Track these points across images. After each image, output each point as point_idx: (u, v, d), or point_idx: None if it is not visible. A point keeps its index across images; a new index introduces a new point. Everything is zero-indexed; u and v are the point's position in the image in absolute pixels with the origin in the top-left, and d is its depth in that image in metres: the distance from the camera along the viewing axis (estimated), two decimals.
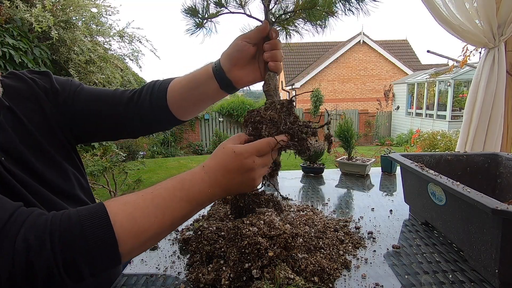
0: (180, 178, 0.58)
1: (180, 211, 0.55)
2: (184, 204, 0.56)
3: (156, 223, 0.52)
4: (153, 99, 0.76)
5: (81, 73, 2.97)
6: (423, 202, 0.87)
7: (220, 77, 0.72)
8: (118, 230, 0.48)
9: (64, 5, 2.85)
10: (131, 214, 0.51)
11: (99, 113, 0.76)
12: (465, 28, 1.79)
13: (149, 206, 0.53)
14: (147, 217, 0.52)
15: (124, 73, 3.53)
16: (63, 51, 2.83)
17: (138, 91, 0.78)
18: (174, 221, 0.55)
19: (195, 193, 0.57)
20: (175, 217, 0.55)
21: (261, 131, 0.63)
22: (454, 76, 9.21)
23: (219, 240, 0.70)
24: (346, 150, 1.55)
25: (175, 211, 0.55)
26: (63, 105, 0.73)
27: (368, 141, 11.66)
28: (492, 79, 1.82)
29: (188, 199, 0.56)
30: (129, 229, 0.49)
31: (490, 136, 1.88)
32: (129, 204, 0.52)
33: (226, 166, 0.58)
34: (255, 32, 0.69)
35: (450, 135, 6.03)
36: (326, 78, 15.63)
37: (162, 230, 0.54)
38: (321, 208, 1.06)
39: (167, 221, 0.54)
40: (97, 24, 3.17)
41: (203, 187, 0.57)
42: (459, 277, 0.65)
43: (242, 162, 0.58)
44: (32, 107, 0.69)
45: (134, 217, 0.51)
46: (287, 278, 0.55)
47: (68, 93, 0.75)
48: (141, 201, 0.53)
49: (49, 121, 0.71)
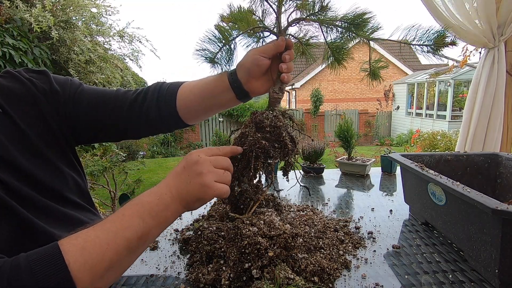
0: (131, 200, 0.56)
1: (133, 229, 0.52)
2: (135, 220, 0.52)
3: (110, 249, 0.49)
4: (161, 103, 0.76)
5: (81, 73, 2.97)
6: (423, 202, 0.87)
7: (238, 88, 0.74)
8: (73, 268, 0.45)
9: (64, 5, 2.85)
10: (82, 247, 0.48)
11: (101, 116, 0.75)
12: (465, 28, 1.79)
13: (99, 234, 0.50)
14: (98, 246, 0.49)
15: (124, 73, 3.53)
16: (63, 51, 2.83)
17: (143, 92, 0.78)
18: (130, 243, 0.51)
19: (144, 205, 0.54)
20: (129, 238, 0.51)
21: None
22: (454, 76, 9.21)
23: (219, 240, 0.70)
24: (346, 150, 1.55)
25: (127, 230, 0.51)
26: (64, 107, 0.72)
27: (368, 141, 11.65)
28: (492, 79, 1.83)
29: (139, 214, 0.53)
30: (83, 264, 0.46)
31: (489, 136, 1.88)
32: (80, 237, 0.49)
33: (175, 169, 0.59)
34: (272, 48, 0.70)
35: (450, 135, 6.03)
36: (326, 78, 15.62)
37: (118, 256, 0.50)
38: (321, 208, 1.06)
39: (120, 244, 0.50)
40: (97, 24, 3.17)
41: (152, 197, 0.55)
42: (459, 277, 0.65)
43: (186, 158, 0.59)
44: (27, 108, 0.67)
45: (85, 248, 0.48)
46: (287, 278, 0.55)
47: (68, 94, 0.73)
48: (92, 232, 0.50)
49: (47, 123, 0.69)
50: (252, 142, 0.64)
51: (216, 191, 0.58)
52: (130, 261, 0.54)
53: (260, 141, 0.64)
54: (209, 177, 0.58)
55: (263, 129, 0.66)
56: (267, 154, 0.65)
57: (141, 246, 0.54)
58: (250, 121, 0.68)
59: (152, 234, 0.55)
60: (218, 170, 0.60)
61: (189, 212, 1.03)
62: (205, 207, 1.07)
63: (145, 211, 0.54)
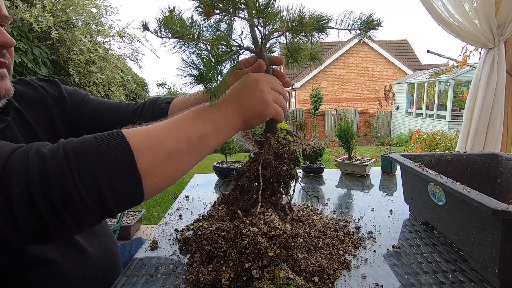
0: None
1: (194, 127, 0.54)
2: (197, 120, 0.55)
3: (171, 136, 0.51)
4: (155, 113, 0.83)
5: (81, 73, 2.97)
6: (423, 202, 0.87)
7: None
8: (132, 140, 0.47)
9: (64, 5, 2.85)
10: (145, 129, 0.51)
11: (103, 122, 0.82)
12: (465, 28, 1.79)
13: (161, 124, 0.53)
14: (160, 131, 0.51)
15: (124, 73, 3.53)
16: (63, 51, 2.83)
17: (141, 106, 0.86)
18: (190, 138, 0.53)
19: (206, 112, 0.57)
20: (190, 133, 0.53)
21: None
22: (454, 76, 9.22)
23: (219, 240, 0.70)
24: (346, 150, 1.55)
25: (189, 126, 0.54)
26: (70, 114, 0.80)
27: (368, 141, 11.65)
28: (492, 79, 1.83)
29: (200, 116, 0.56)
30: (143, 140, 0.48)
31: (490, 136, 1.88)
32: (141, 126, 0.52)
33: (233, 87, 0.62)
34: (251, 70, 0.72)
35: (450, 135, 6.03)
36: (326, 78, 15.63)
37: (178, 145, 0.52)
38: (321, 208, 1.06)
39: (181, 136, 0.52)
40: (97, 24, 3.17)
41: (214, 108, 0.58)
42: (459, 277, 0.65)
43: (245, 78, 0.62)
44: (39, 110, 0.75)
45: (148, 130, 0.51)
46: (287, 278, 0.55)
47: (75, 102, 0.82)
48: (153, 124, 0.53)
49: (55, 125, 0.77)
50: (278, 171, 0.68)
51: (274, 109, 0.62)
52: (188, 161, 0.54)
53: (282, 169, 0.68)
54: (269, 95, 0.61)
55: (281, 156, 0.69)
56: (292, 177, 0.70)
57: (199, 149, 0.55)
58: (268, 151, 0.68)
59: (211, 141, 0.56)
60: (275, 92, 0.64)
61: (189, 212, 1.03)
62: (205, 207, 1.07)
63: (206, 116, 0.56)
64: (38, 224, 0.42)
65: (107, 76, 3.14)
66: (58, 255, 0.66)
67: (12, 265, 0.60)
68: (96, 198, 0.43)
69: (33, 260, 0.62)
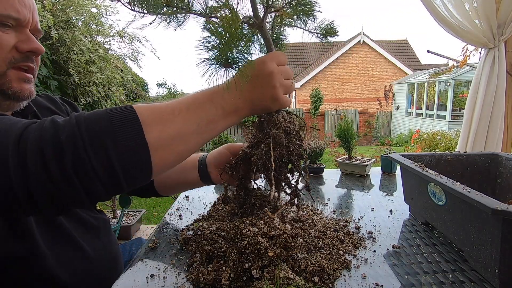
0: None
1: (205, 111, 0.55)
2: (209, 106, 0.55)
3: (181, 116, 0.52)
4: None
5: (81, 73, 2.97)
6: (423, 202, 0.87)
7: (202, 170, 0.88)
8: (143, 114, 0.48)
9: (64, 5, 2.85)
10: (157, 106, 0.52)
11: None
12: (465, 28, 1.79)
13: (173, 103, 0.54)
14: (170, 108, 0.52)
15: (124, 73, 3.53)
16: (63, 51, 2.83)
17: None
18: (200, 121, 0.54)
19: (219, 98, 0.57)
20: (200, 116, 0.54)
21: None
22: (454, 76, 9.22)
23: (219, 240, 0.70)
24: (346, 150, 1.55)
25: (199, 108, 0.54)
26: None
27: (368, 141, 11.65)
28: (492, 79, 1.83)
29: (212, 99, 0.56)
30: (153, 116, 0.50)
31: (490, 136, 1.88)
32: (154, 103, 0.53)
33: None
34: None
35: (450, 135, 6.03)
36: (326, 78, 15.63)
37: (188, 126, 0.53)
38: (321, 208, 1.06)
39: (192, 118, 0.53)
40: (97, 24, 3.17)
41: (227, 95, 0.57)
42: (459, 277, 0.65)
43: (260, 67, 0.59)
44: None
45: (159, 107, 0.52)
46: (287, 278, 0.55)
47: None
48: (165, 102, 0.54)
49: None
50: (290, 149, 0.66)
51: (282, 104, 0.63)
52: (195, 142, 0.55)
53: (294, 147, 0.66)
54: (281, 90, 0.61)
55: (291, 133, 0.67)
56: (301, 157, 0.68)
57: (207, 131, 0.56)
58: (278, 126, 0.65)
59: (219, 126, 0.58)
60: (287, 82, 0.63)
61: (189, 212, 1.03)
62: (205, 207, 1.07)
63: (218, 102, 0.56)
64: (50, 189, 0.43)
65: (107, 76, 3.14)
66: (58, 255, 0.66)
67: (11, 263, 0.61)
68: (106, 165, 0.45)
69: (29, 255, 0.62)
